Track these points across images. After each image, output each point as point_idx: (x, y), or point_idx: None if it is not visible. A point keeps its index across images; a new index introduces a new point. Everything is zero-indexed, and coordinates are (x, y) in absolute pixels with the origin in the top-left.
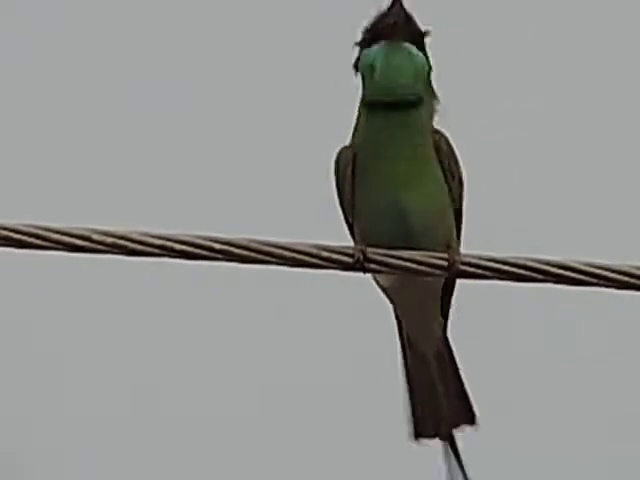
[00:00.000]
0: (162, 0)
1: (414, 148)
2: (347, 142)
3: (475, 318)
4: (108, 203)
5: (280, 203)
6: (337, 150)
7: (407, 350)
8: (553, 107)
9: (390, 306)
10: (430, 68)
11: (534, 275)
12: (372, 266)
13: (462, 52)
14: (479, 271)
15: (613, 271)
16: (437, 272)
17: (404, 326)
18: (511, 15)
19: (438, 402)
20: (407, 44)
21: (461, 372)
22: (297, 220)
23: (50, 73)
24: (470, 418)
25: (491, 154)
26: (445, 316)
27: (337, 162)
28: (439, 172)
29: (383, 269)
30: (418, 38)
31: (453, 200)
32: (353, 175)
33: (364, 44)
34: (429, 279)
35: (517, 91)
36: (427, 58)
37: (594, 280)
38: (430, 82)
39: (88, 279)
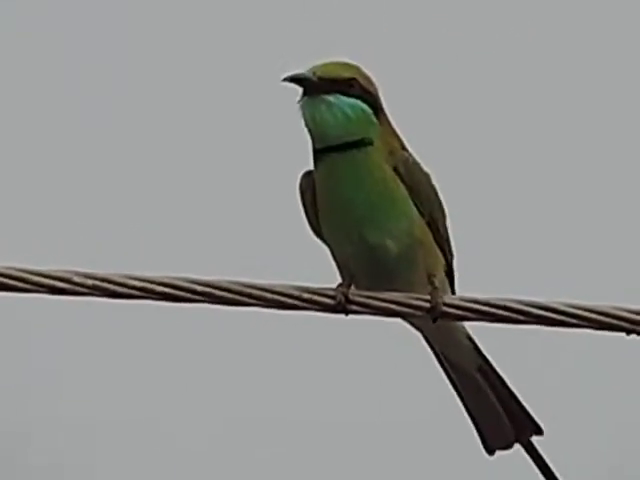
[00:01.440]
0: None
1: (368, 186)
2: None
3: None
4: (89, 245)
5: (261, 244)
6: (301, 174)
7: (449, 370)
8: (531, 147)
9: (419, 333)
10: (371, 107)
11: (516, 316)
12: (354, 308)
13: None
14: (462, 312)
15: (594, 312)
16: (419, 314)
17: (436, 347)
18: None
19: (498, 414)
20: (326, 96)
21: (509, 384)
22: (278, 261)
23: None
24: (536, 428)
25: (473, 195)
26: None
27: (300, 186)
28: (403, 202)
29: (365, 311)
30: (342, 86)
31: (429, 226)
32: (314, 199)
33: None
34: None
35: (496, 131)
36: (365, 101)
37: (575, 321)
38: (372, 121)
39: (69, 321)
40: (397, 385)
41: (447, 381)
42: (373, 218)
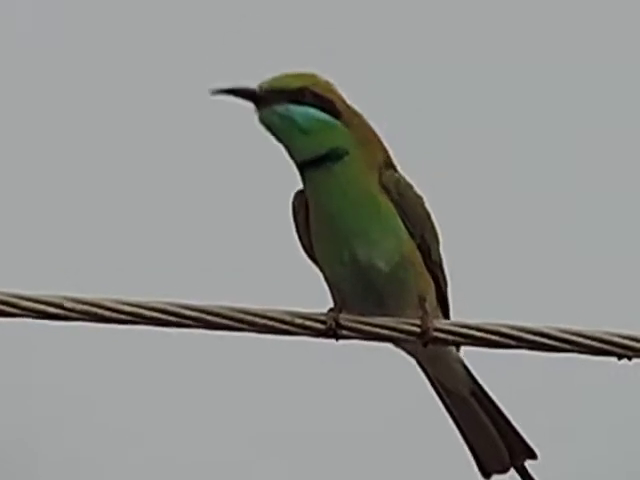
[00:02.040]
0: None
1: (351, 198)
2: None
3: None
4: (79, 270)
5: (252, 269)
6: (294, 193)
7: (443, 395)
8: (524, 171)
9: (413, 360)
10: (330, 114)
11: (508, 341)
12: (345, 333)
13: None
14: (452, 337)
15: (586, 337)
16: (410, 338)
17: (430, 373)
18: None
19: (493, 437)
20: (277, 107)
21: (502, 408)
22: (269, 286)
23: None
24: (530, 452)
25: (465, 221)
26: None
27: (293, 204)
28: (390, 217)
29: (356, 335)
30: (293, 96)
31: (420, 249)
32: (306, 219)
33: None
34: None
35: (488, 155)
36: (321, 108)
37: (567, 346)
38: (334, 125)
39: (61, 346)
40: (394, 400)
41: (442, 406)
42: (360, 232)
